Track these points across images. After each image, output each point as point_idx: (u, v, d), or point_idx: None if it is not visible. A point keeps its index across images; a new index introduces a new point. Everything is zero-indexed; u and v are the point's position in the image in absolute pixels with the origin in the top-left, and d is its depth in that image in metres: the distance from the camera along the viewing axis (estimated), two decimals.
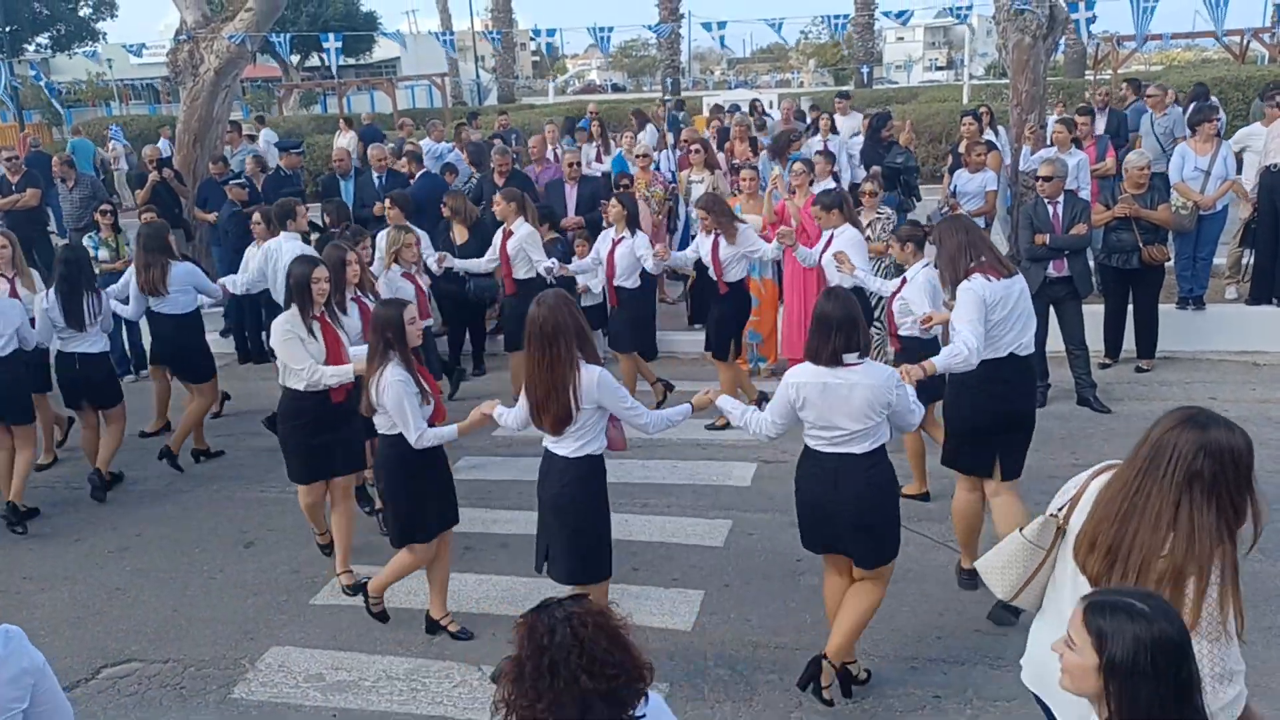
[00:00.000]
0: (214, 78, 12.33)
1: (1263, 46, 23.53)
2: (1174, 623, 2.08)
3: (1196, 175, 8.96)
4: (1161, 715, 2.02)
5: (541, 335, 4.35)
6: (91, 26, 43.12)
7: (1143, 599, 2.11)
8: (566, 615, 2.19)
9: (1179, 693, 2.03)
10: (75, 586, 6.06)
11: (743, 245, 7.68)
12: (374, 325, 4.91)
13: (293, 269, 5.72)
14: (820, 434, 4.34)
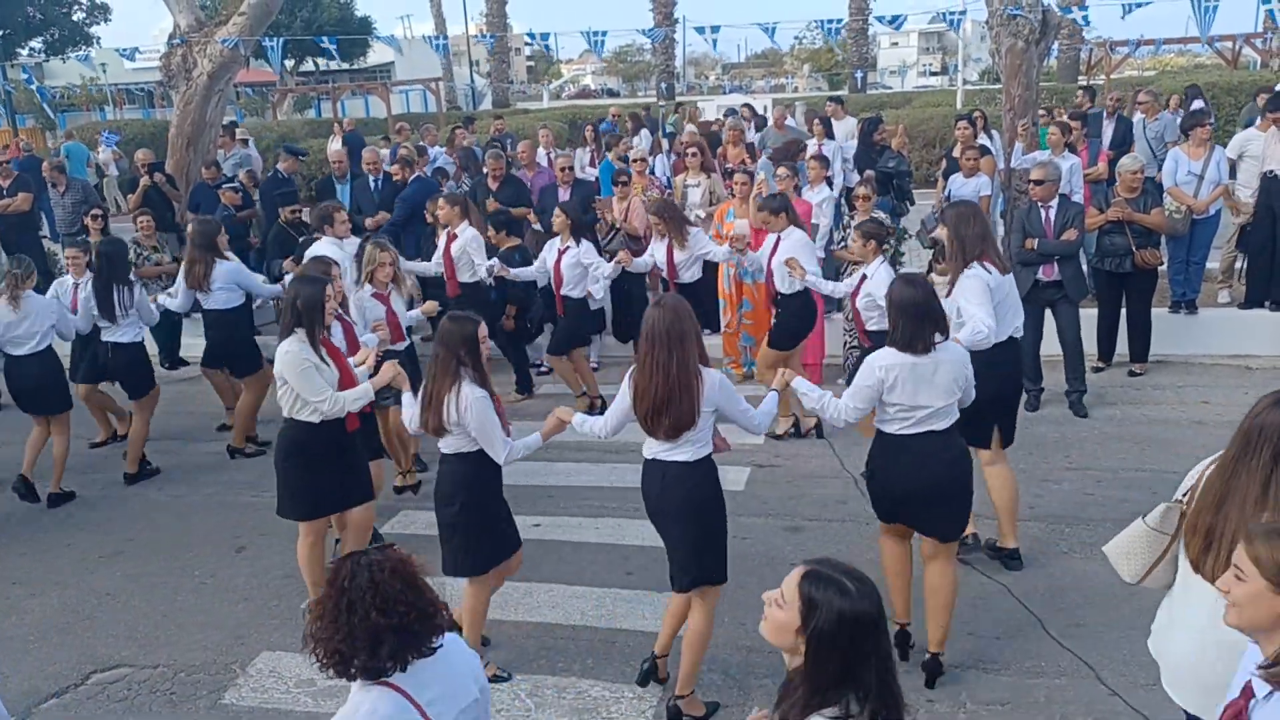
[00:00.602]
0: (207, 82, 12.31)
1: (1254, 52, 23.60)
2: (875, 605, 2.29)
3: (1189, 179, 8.98)
4: (846, 683, 2.23)
5: (667, 338, 4.22)
6: (85, 31, 42.98)
7: (849, 576, 2.32)
8: (368, 562, 2.47)
9: (861, 666, 2.25)
10: (65, 591, 6.03)
11: (694, 249, 7.95)
12: (444, 341, 4.55)
13: (299, 289, 5.20)
14: (906, 416, 4.48)
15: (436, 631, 2.52)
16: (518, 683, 4.84)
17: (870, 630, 2.27)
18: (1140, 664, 4.69)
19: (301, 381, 5.06)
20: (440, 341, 4.61)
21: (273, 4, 12.91)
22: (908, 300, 4.45)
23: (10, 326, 7.10)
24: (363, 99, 38.00)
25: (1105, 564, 5.57)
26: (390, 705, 2.43)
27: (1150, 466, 6.86)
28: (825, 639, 2.25)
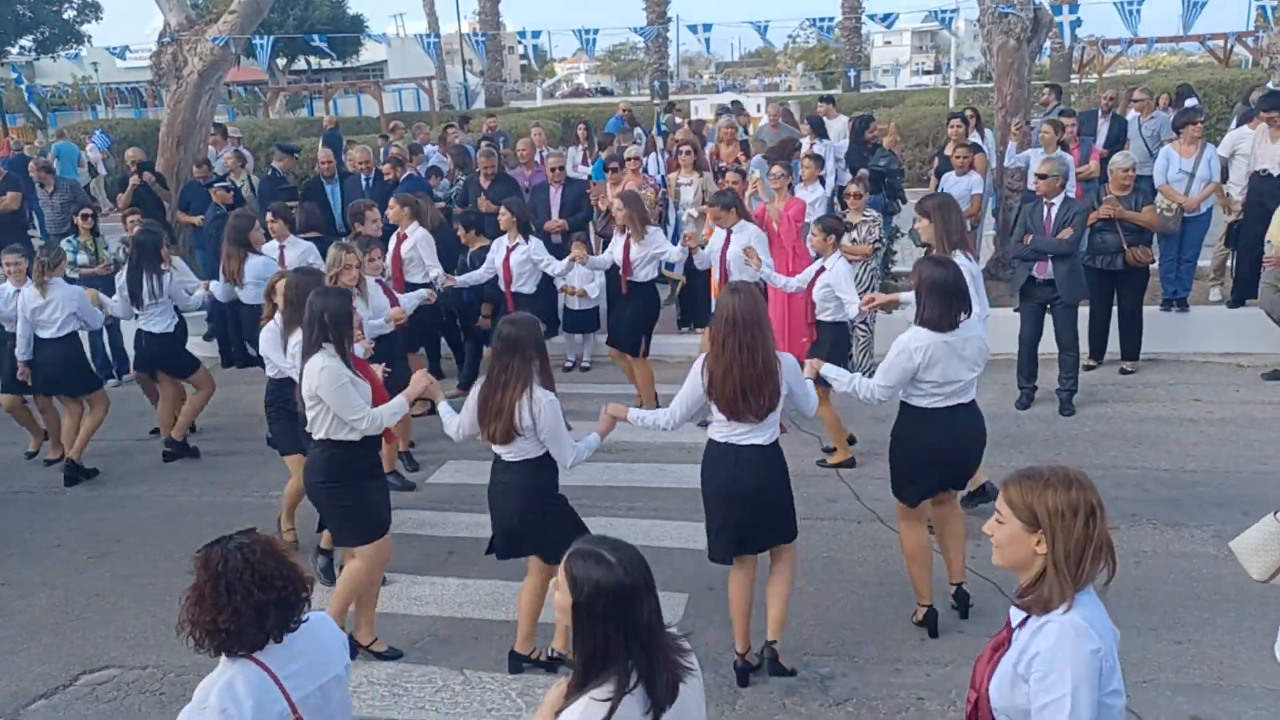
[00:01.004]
0: (198, 80, 12.29)
1: (1246, 50, 23.66)
2: (636, 576, 2.39)
3: (1181, 177, 9.00)
4: (610, 650, 2.36)
5: (745, 324, 4.31)
6: (76, 29, 42.89)
7: (613, 550, 2.42)
8: (238, 545, 2.63)
9: (631, 633, 2.36)
10: (54, 593, 6.01)
11: (650, 246, 8.00)
12: (512, 346, 4.41)
13: (325, 301, 4.85)
14: (939, 391, 4.78)
15: (305, 605, 2.69)
16: (509, 682, 4.83)
17: (632, 601, 2.37)
18: (1130, 661, 4.68)
19: (340, 398, 4.73)
20: (507, 347, 4.43)
21: (264, 2, 12.91)
22: (937, 280, 4.70)
23: (38, 310, 7.52)
24: (355, 98, 37.92)
25: None
26: (250, 678, 2.61)
27: (1142, 464, 6.87)
28: (585, 612, 2.37)
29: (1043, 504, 2.44)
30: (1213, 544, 5.74)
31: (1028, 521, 2.46)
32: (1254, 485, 6.48)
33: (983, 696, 2.54)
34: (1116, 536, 5.86)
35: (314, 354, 4.75)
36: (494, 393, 4.45)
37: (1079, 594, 2.44)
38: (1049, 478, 2.48)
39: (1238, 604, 5.12)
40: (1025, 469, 2.55)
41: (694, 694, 2.51)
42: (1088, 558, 2.44)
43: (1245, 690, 4.45)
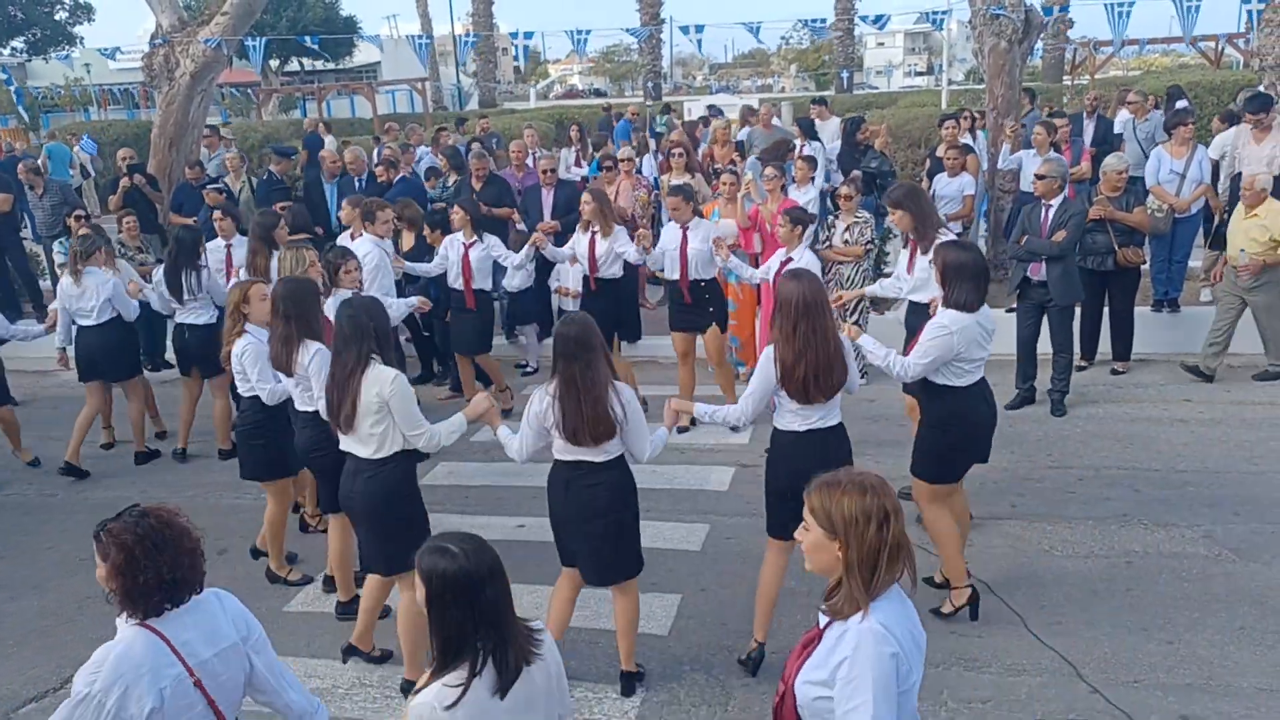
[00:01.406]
0: (190, 82, 12.26)
1: (1237, 52, 23.71)
2: (481, 563, 2.58)
3: (1172, 178, 9.03)
4: (463, 634, 2.56)
5: (814, 307, 4.43)
6: (68, 31, 42.75)
7: (459, 542, 2.62)
8: (141, 513, 2.80)
9: (479, 618, 2.56)
10: (45, 595, 5.99)
11: (614, 244, 8.04)
12: (585, 344, 4.29)
13: (373, 310, 4.65)
14: (967, 366, 5.01)
15: (202, 575, 2.87)
16: None
17: (478, 587, 2.56)
18: (1121, 662, 4.72)
19: (410, 412, 4.51)
20: (578, 345, 4.30)
21: (256, 4, 12.87)
22: (964, 262, 4.93)
23: (74, 299, 7.76)
24: (348, 99, 37.88)
25: (1086, 562, 5.63)
26: (144, 643, 2.75)
27: (1132, 464, 6.89)
28: (436, 602, 2.56)
29: (839, 510, 2.51)
30: (1203, 544, 5.76)
31: (828, 528, 2.53)
32: (1244, 485, 6.50)
33: (789, 691, 2.61)
34: (1108, 536, 5.92)
35: (368, 367, 4.46)
36: (584, 394, 4.27)
37: (882, 598, 2.51)
38: (845, 484, 2.54)
39: (1228, 604, 5.14)
40: (827, 475, 2.61)
41: (543, 675, 2.69)
42: (882, 563, 2.50)
43: (1236, 690, 4.46)
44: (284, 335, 5.14)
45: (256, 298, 5.60)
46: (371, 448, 4.53)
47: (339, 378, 4.52)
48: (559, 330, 4.40)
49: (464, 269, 8.26)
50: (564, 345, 4.31)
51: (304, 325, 5.14)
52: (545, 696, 2.71)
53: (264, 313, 5.53)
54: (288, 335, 5.12)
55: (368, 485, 4.57)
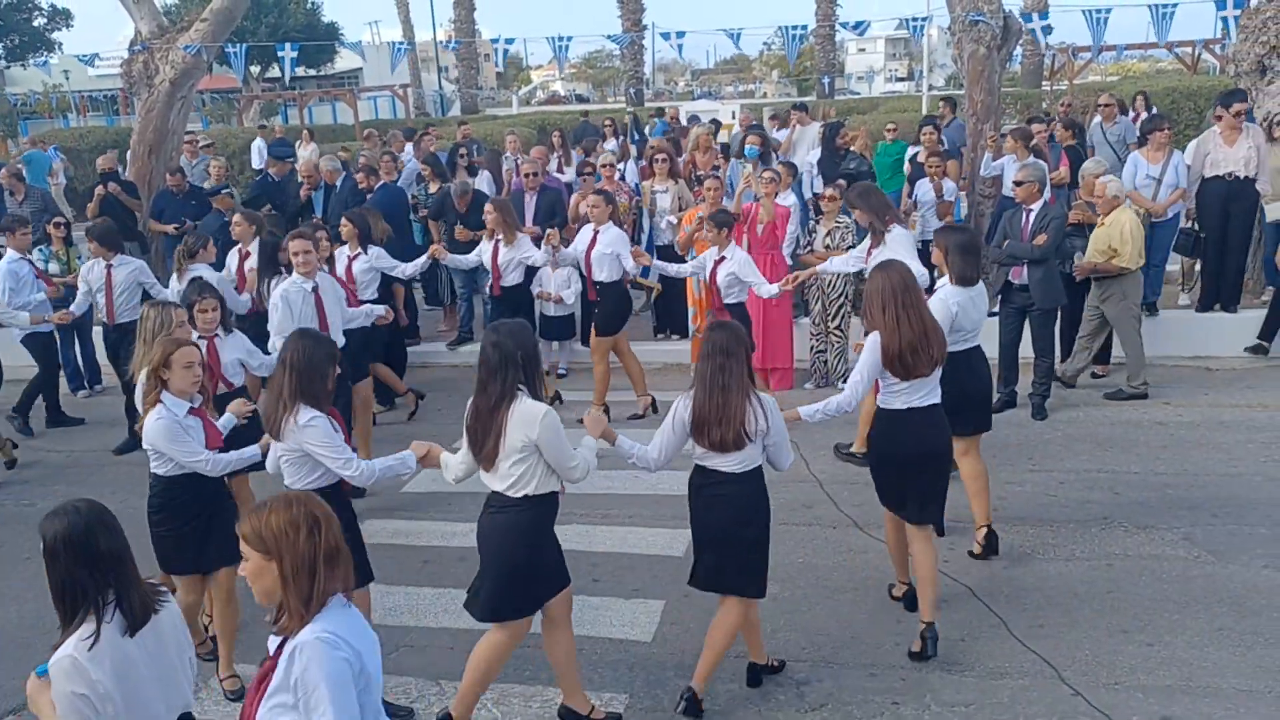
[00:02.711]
0: (169, 89, 12.20)
1: (1213, 58, 23.96)
2: (88, 518, 2.87)
3: (1148, 183, 9.09)
4: (83, 586, 2.83)
5: (896, 292, 4.76)
6: (47, 37, 42.51)
7: (73, 503, 2.92)
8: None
9: (100, 569, 2.84)
10: (24, 606, 5.94)
11: (518, 251, 8.36)
12: (725, 349, 4.25)
13: (521, 338, 4.24)
14: (968, 339, 5.65)
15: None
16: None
17: (89, 538, 2.84)
18: (1102, 664, 4.75)
19: (561, 449, 4.13)
20: (719, 350, 4.26)
21: (236, 10, 12.81)
22: (964, 242, 5.58)
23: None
24: (330, 105, 37.79)
25: (1067, 565, 5.66)
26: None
27: (1112, 467, 6.94)
28: (52, 560, 2.84)
29: (268, 528, 2.60)
30: (1183, 546, 5.80)
31: (261, 549, 2.61)
32: (1223, 487, 6.56)
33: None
34: (1088, 539, 5.95)
35: (514, 401, 4.07)
36: (714, 400, 4.23)
37: (325, 609, 2.61)
38: (271, 504, 2.67)
39: (1207, 606, 5.18)
40: (254, 504, 2.77)
41: (170, 621, 2.99)
42: (320, 570, 2.60)
43: (1217, 691, 4.49)
44: (295, 391, 4.37)
45: (181, 364, 4.58)
46: (507, 484, 4.16)
47: (482, 411, 4.13)
48: (709, 334, 4.37)
49: (348, 279, 8.18)
50: (707, 344, 4.36)
51: (313, 385, 4.40)
52: (174, 639, 3.01)
53: (188, 383, 4.63)
54: (298, 392, 4.37)
55: (495, 521, 4.23)
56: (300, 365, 4.34)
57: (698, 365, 4.40)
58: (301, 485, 4.37)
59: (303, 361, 4.34)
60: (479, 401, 4.14)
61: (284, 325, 6.53)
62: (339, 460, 4.37)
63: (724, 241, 7.59)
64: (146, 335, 5.41)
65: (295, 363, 4.34)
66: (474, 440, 4.17)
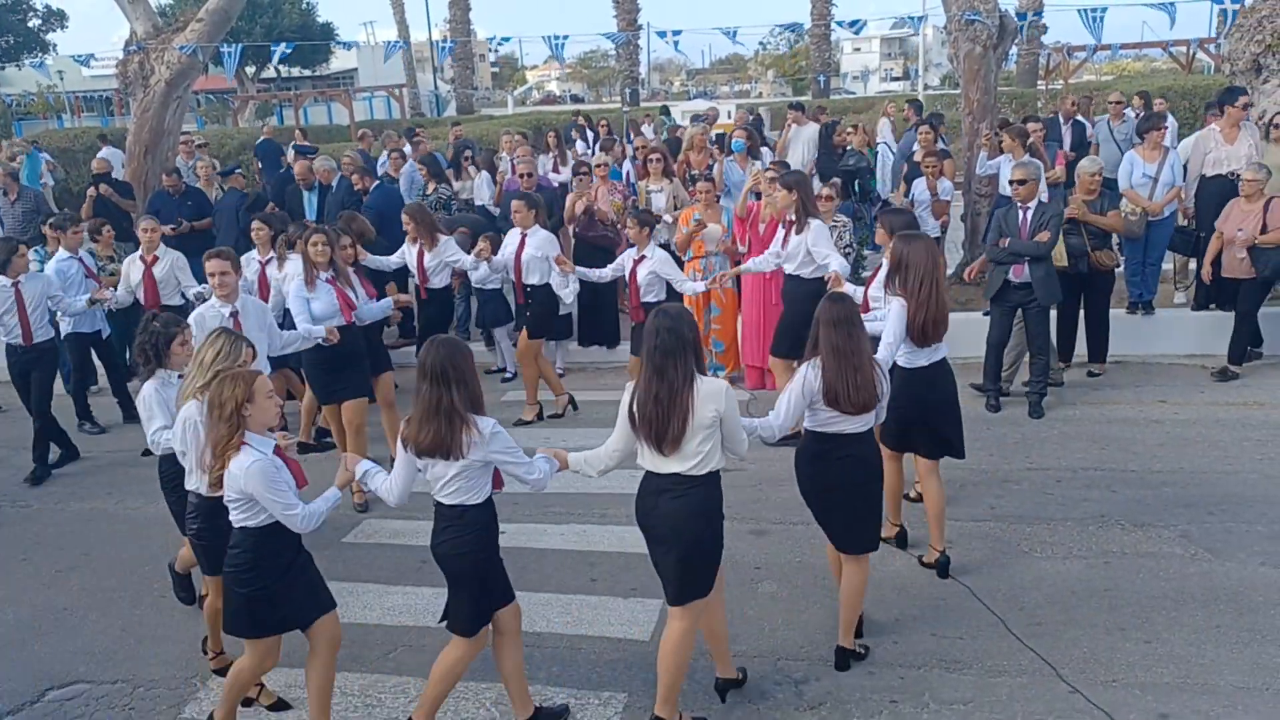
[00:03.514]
0: (165, 89, 12.18)
1: (1208, 56, 24.02)
2: None
3: (1145, 182, 9.10)
4: None
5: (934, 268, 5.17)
6: (41, 38, 42.42)
7: None
8: None
9: None
10: (20, 608, 5.92)
11: (443, 255, 8.42)
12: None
13: (689, 325, 4.19)
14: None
15: None
16: (483, 690, 4.81)
17: None
18: (1100, 661, 4.75)
19: (738, 420, 4.26)
20: (845, 320, 4.49)
21: (232, 10, 12.80)
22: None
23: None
24: (325, 106, 37.75)
25: (1065, 563, 5.67)
26: None
27: (1109, 466, 6.94)
28: None
29: None
30: (1180, 544, 5.81)
31: None
32: (1220, 485, 6.57)
33: None
34: (1086, 537, 5.96)
35: (694, 381, 4.08)
36: (854, 361, 4.43)
37: None
38: None
39: (1204, 603, 5.18)
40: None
41: None
42: None
43: (1214, 688, 4.50)
44: (447, 409, 4.05)
45: (263, 395, 4.14)
46: (692, 463, 4.11)
47: (663, 396, 4.04)
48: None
49: (260, 285, 8.17)
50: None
51: (467, 394, 4.08)
52: None
53: (271, 415, 4.19)
54: (451, 409, 4.04)
55: (682, 505, 4.15)
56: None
57: (823, 334, 4.53)
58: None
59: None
60: (657, 387, 4.05)
61: None
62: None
63: (644, 240, 7.98)
64: (204, 362, 4.62)
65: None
66: (655, 426, 4.06)
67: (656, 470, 4.18)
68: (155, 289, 8.44)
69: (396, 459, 4.27)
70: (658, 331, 4.08)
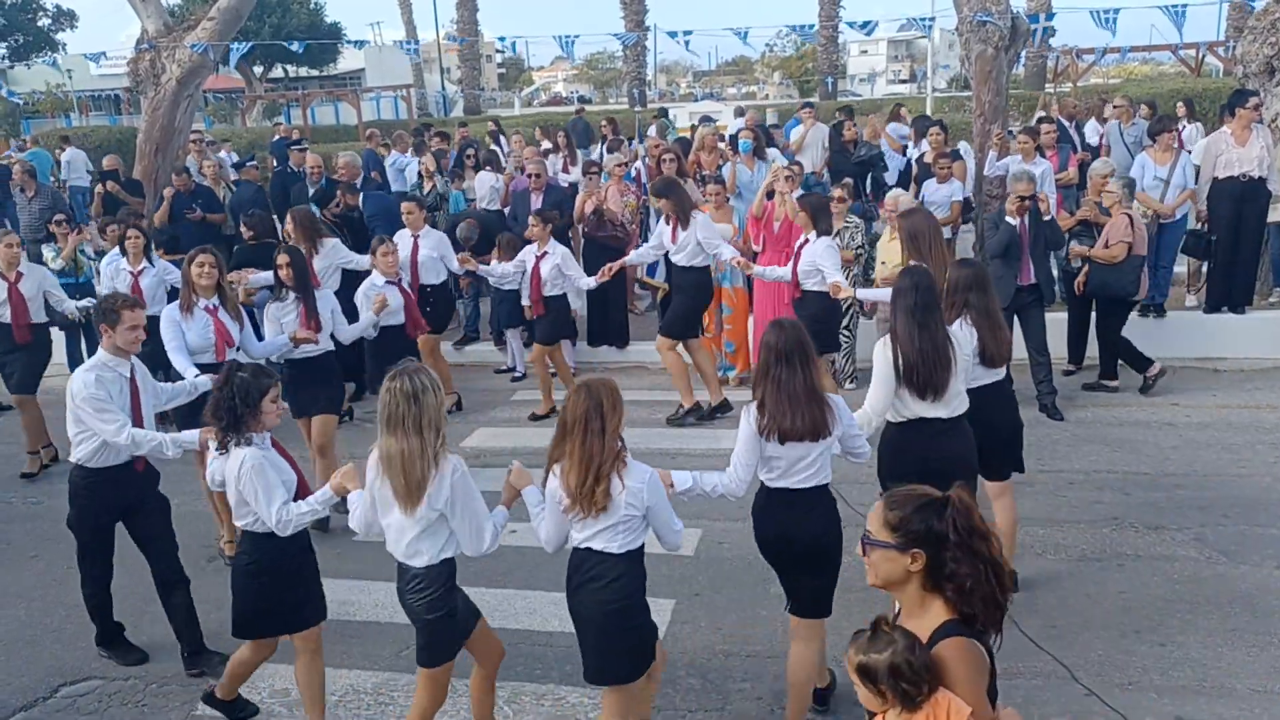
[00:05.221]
0: (176, 87, 12.20)
1: (1217, 59, 23.94)
2: None
3: (1156, 184, 9.08)
4: None
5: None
6: (51, 37, 42.53)
7: None
8: None
9: None
10: (32, 604, 5.93)
11: (334, 257, 8.28)
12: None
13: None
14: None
15: None
16: (496, 689, 4.80)
17: None
18: (1115, 664, 4.73)
19: None
20: (925, 295, 4.56)
21: (243, 9, 12.82)
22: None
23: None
24: (333, 105, 37.79)
25: (1079, 565, 5.65)
26: None
27: (1121, 468, 6.92)
28: None
29: None
30: (1194, 546, 5.79)
31: None
32: (1233, 487, 6.54)
33: None
34: (1099, 539, 5.94)
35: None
36: (937, 337, 4.56)
37: None
38: None
39: (1220, 606, 5.16)
40: None
41: None
42: None
43: (1230, 691, 4.48)
44: None
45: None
46: (824, 459, 4.19)
47: (799, 392, 4.02)
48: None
49: (134, 288, 8.04)
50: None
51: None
52: None
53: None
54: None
55: (823, 511, 4.23)
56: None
57: (898, 320, 4.57)
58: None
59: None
60: (793, 383, 4.03)
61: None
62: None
63: (545, 237, 8.45)
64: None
65: None
66: (805, 420, 4.02)
67: (787, 472, 4.12)
68: (25, 307, 7.92)
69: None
70: (781, 332, 4.12)
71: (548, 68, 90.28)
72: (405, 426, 3.70)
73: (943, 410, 4.60)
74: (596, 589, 3.82)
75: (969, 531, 2.54)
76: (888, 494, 2.67)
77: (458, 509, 3.84)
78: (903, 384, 4.59)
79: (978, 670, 2.50)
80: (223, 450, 4.20)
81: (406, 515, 3.81)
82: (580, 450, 3.70)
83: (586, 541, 3.84)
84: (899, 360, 4.57)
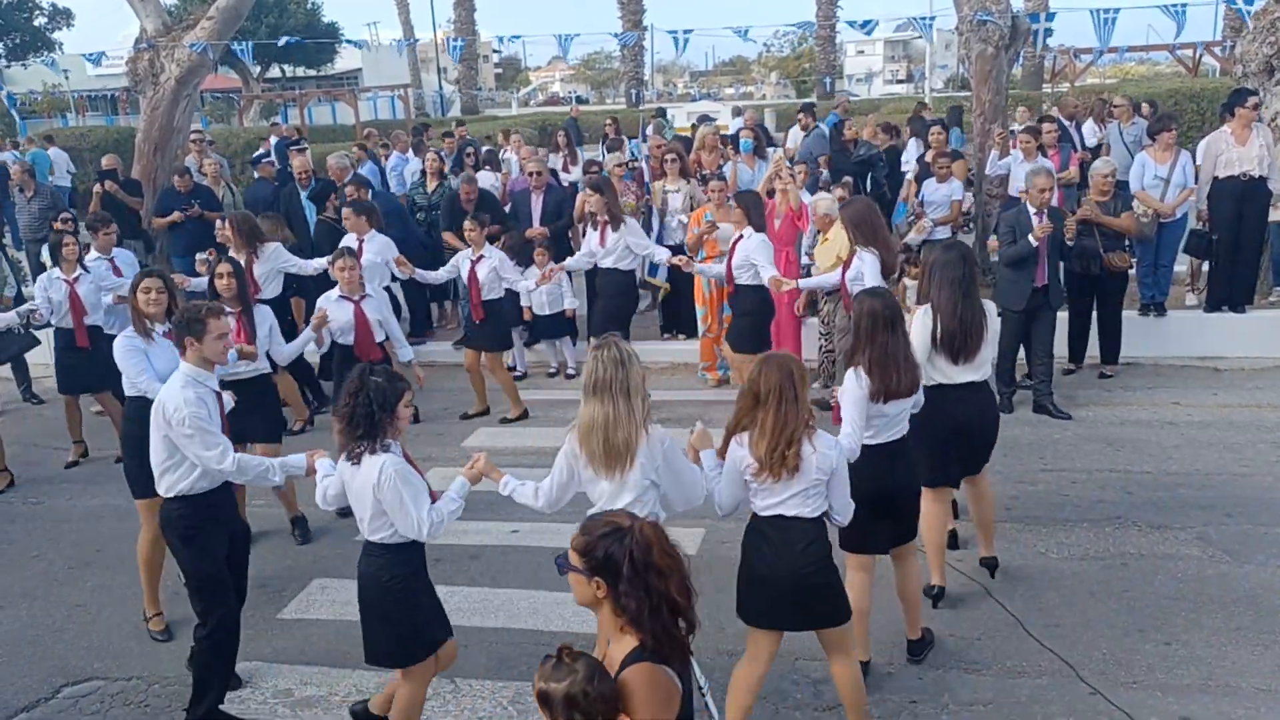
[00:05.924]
0: (175, 86, 12.18)
1: (1214, 59, 23.99)
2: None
3: (1156, 183, 9.07)
4: None
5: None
6: (47, 36, 42.43)
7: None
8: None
9: None
10: (34, 604, 5.91)
11: (274, 262, 8.35)
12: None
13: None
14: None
15: None
16: (500, 689, 4.80)
17: None
18: (1119, 663, 4.73)
19: None
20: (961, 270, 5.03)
21: (242, 8, 12.80)
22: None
23: None
24: (330, 105, 37.75)
25: (1082, 564, 5.65)
26: None
27: (1123, 467, 6.92)
28: None
29: None
30: (1197, 545, 5.79)
31: None
32: (1235, 487, 6.54)
33: None
34: (1102, 538, 5.94)
35: None
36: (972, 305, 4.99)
37: None
38: None
39: (1224, 605, 5.16)
40: None
41: None
42: None
43: (1235, 690, 4.48)
44: None
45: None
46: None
47: (893, 353, 4.40)
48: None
49: (72, 303, 7.89)
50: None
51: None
52: None
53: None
54: None
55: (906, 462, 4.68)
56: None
57: (942, 291, 4.98)
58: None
59: None
60: (896, 346, 4.43)
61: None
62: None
63: (480, 241, 8.44)
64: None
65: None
66: (908, 379, 4.47)
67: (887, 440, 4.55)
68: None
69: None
70: (870, 308, 4.45)
71: (545, 68, 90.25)
72: (613, 390, 3.82)
73: (974, 374, 5.11)
74: (794, 554, 3.99)
75: (644, 566, 2.59)
76: (585, 519, 2.75)
77: (669, 476, 4.06)
78: (940, 351, 5.04)
79: (663, 696, 2.55)
80: (354, 461, 3.93)
81: (611, 481, 3.97)
82: (774, 418, 3.83)
83: (774, 508, 4.00)
84: (938, 329, 5.03)
